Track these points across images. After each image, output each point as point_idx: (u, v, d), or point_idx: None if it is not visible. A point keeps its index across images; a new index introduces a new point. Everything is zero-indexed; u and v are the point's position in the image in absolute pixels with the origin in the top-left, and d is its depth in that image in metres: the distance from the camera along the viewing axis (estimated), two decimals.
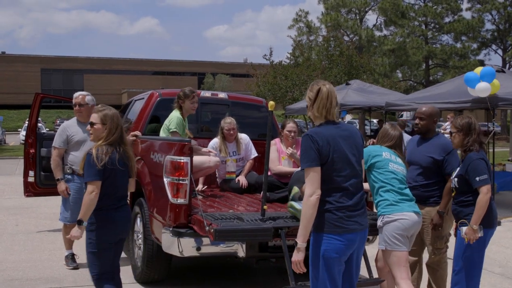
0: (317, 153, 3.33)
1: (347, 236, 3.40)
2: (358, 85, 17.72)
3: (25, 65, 60.20)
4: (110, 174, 4.15)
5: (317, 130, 3.42)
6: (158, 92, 7.19)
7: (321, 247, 3.39)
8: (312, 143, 3.34)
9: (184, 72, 66.49)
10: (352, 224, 3.41)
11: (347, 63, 25.92)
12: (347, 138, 3.48)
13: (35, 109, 7.67)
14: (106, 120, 4.26)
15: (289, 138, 6.61)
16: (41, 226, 9.03)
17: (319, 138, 3.36)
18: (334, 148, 3.38)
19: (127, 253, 6.63)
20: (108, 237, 4.25)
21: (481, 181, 4.27)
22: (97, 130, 4.28)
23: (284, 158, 6.60)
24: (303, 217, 3.34)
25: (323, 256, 3.40)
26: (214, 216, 4.82)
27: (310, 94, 3.52)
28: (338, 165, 3.40)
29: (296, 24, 43.48)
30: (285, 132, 6.64)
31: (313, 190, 3.30)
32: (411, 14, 43.73)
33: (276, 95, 25.19)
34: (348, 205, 3.42)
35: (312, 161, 3.32)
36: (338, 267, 3.45)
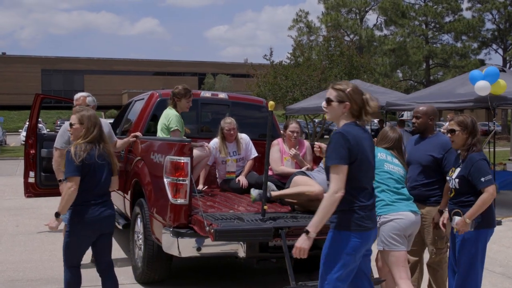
0: (348, 152, 3.35)
1: (365, 234, 3.45)
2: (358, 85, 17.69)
3: (25, 66, 60.22)
4: (89, 170, 4.37)
5: (348, 129, 3.43)
6: (158, 93, 7.20)
7: (341, 245, 3.42)
8: (344, 142, 3.36)
9: (185, 73, 66.49)
10: (370, 223, 3.48)
11: (347, 63, 25.90)
12: (367, 139, 3.54)
13: (35, 110, 7.67)
14: (83, 120, 4.49)
15: (292, 138, 6.58)
16: (42, 227, 9.01)
17: (351, 137, 3.38)
18: (361, 148, 3.43)
19: (127, 254, 6.64)
20: (83, 231, 4.46)
21: (486, 182, 4.23)
22: (76, 130, 4.51)
23: (286, 159, 6.57)
24: (323, 210, 3.35)
25: (342, 253, 3.42)
26: (214, 216, 4.82)
27: (334, 94, 3.55)
28: (363, 166, 3.45)
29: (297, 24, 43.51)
30: (288, 132, 6.61)
31: (339, 187, 3.32)
32: (412, 14, 43.74)
33: (276, 95, 25.16)
34: (368, 204, 3.48)
35: (341, 159, 3.34)
36: (353, 265, 3.49)
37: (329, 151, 3.40)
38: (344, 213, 3.40)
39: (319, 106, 16.05)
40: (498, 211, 9.98)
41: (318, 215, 3.36)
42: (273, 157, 6.44)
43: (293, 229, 4.78)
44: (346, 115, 3.51)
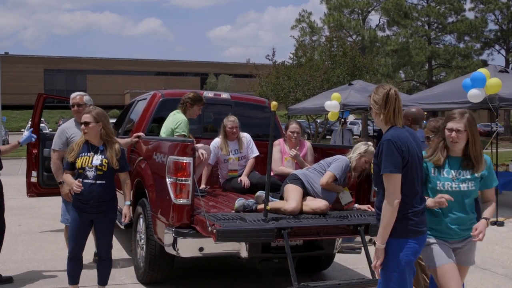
0: (401, 159, 3.37)
1: (421, 238, 3.51)
2: (361, 85, 17.69)
3: (28, 65, 60.29)
4: None
5: (397, 135, 3.43)
6: (160, 93, 7.20)
7: (401, 252, 3.43)
8: (396, 149, 3.38)
9: (187, 73, 66.53)
10: (423, 226, 3.52)
11: (350, 63, 25.88)
12: (412, 140, 3.52)
13: (38, 109, 7.66)
14: (99, 118, 4.91)
15: (292, 139, 6.62)
16: (44, 226, 9.04)
17: (402, 143, 3.40)
18: (410, 152, 3.44)
19: (129, 254, 6.65)
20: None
21: None
22: (93, 128, 4.88)
23: (287, 159, 6.59)
24: (384, 220, 3.38)
25: (402, 261, 3.43)
26: (216, 217, 4.81)
27: (376, 97, 3.55)
28: (414, 170, 3.46)
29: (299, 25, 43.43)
30: (288, 133, 6.66)
31: (396, 195, 3.35)
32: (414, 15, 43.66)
33: (279, 95, 25.16)
34: (421, 208, 3.51)
35: (395, 167, 3.36)
36: (411, 270, 3.50)
37: (384, 160, 3.39)
38: (399, 220, 3.40)
39: (322, 107, 16.06)
40: (501, 212, 9.97)
41: (382, 226, 3.41)
42: (273, 157, 6.43)
43: (296, 229, 4.79)
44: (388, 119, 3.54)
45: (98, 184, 4.86)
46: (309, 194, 5.54)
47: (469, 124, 3.70)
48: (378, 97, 3.55)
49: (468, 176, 3.75)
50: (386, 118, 3.52)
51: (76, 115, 6.40)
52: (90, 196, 4.86)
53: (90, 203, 4.88)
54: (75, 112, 6.39)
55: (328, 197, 5.53)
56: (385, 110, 3.51)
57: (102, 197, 4.88)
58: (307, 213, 5.24)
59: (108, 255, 5.12)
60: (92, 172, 4.86)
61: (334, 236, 5.15)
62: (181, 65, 66.96)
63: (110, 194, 4.99)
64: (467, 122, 3.70)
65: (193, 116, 6.49)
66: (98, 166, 4.86)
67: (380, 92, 3.55)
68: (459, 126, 3.69)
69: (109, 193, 4.97)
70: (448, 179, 3.74)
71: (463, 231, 3.78)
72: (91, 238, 5.23)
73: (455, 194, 3.71)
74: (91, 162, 4.87)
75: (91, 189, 4.85)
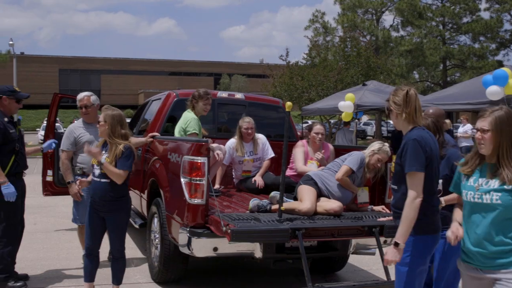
0: (425, 159, 3.46)
1: (437, 237, 3.62)
2: (374, 86, 17.62)
3: (43, 65, 60.79)
4: None
5: (421, 135, 3.53)
6: (175, 93, 7.22)
7: (420, 249, 3.52)
8: (421, 148, 3.46)
9: (200, 73, 66.69)
10: (439, 225, 3.63)
11: (364, 64, 25.77)
12: (433, 141, 3.62)
13: (53, 109, 7.72)
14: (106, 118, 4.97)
15: (316, 140, 6.43)
16: (59, 225, 9.11)
17: (426, 143, 3.50)
18: (433, 153, 3.54)
19: (144, 253, 6.67)
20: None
21: None
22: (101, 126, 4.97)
23: (310, 162, 6.41)
24: (406, 219, 3.42)
25: (421, 257, 3.53)
26: (231, 217, 4.82)
27: (397, 98, 3.62)
28: (434, 169, 3.56)
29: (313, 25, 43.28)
30: (313, 134, 6.47)
31: (418, 193, 3.42)
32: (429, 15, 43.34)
33: (292, 95, 25.11)
34: (437, 208, 3.66)
35: (420, 166, 3.44)
36: (425, 267, 3.62)
37: (408, 158, 3.46)
38: (421, 217, 3.45)
39: (335, 107, 16.01)
40: None
41: (403, 225, 3.44)
42: (297, 156, 6.40)
43: (310, 230, 4.78)
44: (409, 120, 3.60)
45: (102, 182, 4.92)
46: (323, 194, 5.51)
47: (496, 122, 3.11)
48: (398, 98, 3.60)
49: (495, 186, 3.08)
50: (409, 118, 3.58)
51: (84, 116, 6.44)
52: (95, 193, 4.98)
53: (97, 201, 4.96)
54: (83, 114, 6.44)
55: (343, 197, 5.50)
56: (407, 109, 3.57)
57: (106, 196, 4.91)
58: (321, 214, 5.23)
59: (120, 255, 5.14)
60: (97, 170, 4.95)
61: (349, 237, 5.14)
62: (194, 65, 67.14)
63: (117, 193, 4.95)
64: (494, 120, 3.12)
65: (202, 113, 6.42)
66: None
67: (399, 93, 3.60)
68: (483, 125, 3.15)
69: (115, 192, 4.93)
70: (472, 188, 3.19)
71: (488, 259, 3.09)
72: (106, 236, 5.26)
73: (477, 207, 3.15)
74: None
75: (96, 186, 4.97)
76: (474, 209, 3.16)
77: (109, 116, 4.97)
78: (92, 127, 6.29)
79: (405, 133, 3.61)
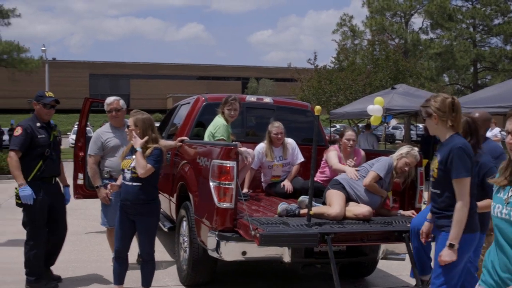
0: (470, 165, 3.73)
1: (477, 235, 3.90)
2: (404, 89, 17.43)
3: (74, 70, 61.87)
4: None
5: (464, 142, 3.80)
6: (204, 97, 7.25)
7: (466, 246, 3.78)
8: (467, 155, 3.73)
9: (228, 77, 66.96)
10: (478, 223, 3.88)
11: (393, 67, 25.55)
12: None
13: (84, 113, 7.83)
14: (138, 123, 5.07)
15: (348, 147, 6.37)
16: (89, 227, 9.23)
17: (469, 150, 3.77)
18: (473, 158, 3.80)
19: (173, 256, 6.71)
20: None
21: None
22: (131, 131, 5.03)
23: None
24: (460, 222, 3.70)
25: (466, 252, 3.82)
26: (260, 221, 4.82)
27: (439, 105, 3.82)
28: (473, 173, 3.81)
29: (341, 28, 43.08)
30: (344, 140, 6.40)
31: (468, 198, 3.71)
32: (459, 17, 42.73)
33: (320, 99, 25.04)
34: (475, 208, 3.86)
35: (467, 172, 3.72)
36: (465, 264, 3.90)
37: (458, 165, 3.71)
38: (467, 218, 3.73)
39: (364, 111, 15.88)
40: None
41: (456, 227, 3.70)
42: (331, 157, 6.34)
43: (339, 235, 4.75)
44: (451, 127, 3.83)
45: (133, 186, 4.96)
46: (352, 198, 5.47)
47: None
48: (441, 104, 3.79)
49: None
50: (455, 125, 3.80)
51: (113, 120, 6.45)
52: (126, 197, 5.02)
53: (128, 204, 5.01)
54: (113, 117, 6.45)
55: (372, 202, 5.45)
56: (452, 116, 3.78)
57: (138, 199, 4.97)
58: (350, 218, 5.19)
59: (149, 257, 5.18)
60: (128, 174, 4.99)
61: (378, 242, 5.08)
62: (222, 70, 67.48)
63: (148, 197, 5.03)
64: None
65: (229, 118, 6.42)
66: (133, 168, 4.96)
67: (440, 100, 3.81)
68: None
69: (147, 195, 5.01)
70: (501, 201, 2.63)
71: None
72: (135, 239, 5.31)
73: (505, 224, 2.59)
74: (129, 165, 5.00)
75: (127, 190, 5.01)
76: (500, 226, 2.61)
77: (140, 120, 5.02)
78: (119, 131, 6.35)
79: (445, 140, 3.80)
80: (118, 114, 6.44)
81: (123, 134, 5.99)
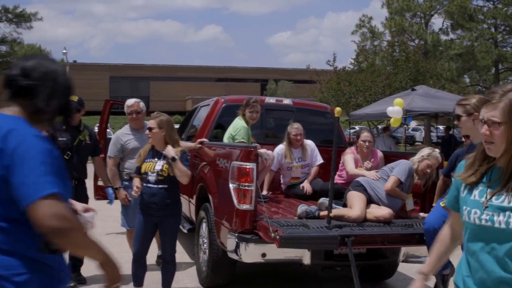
0: None
1: None
2: (424, 91, 17.30)
3: (94, 73, 62.34)
4: None
5: None
6: (223, 99, 7.27)
7: None
8: None
9: (247, 79, 67.00)
10: None
11: (413, 68, 25.36)
12: None
13: (105, 115, 7.88)
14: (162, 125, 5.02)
15: (364, 148, 6.31)
16: (110, 228, 9.29)
17: None
18: None
19: (192, 257, 6.73)
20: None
21: None
22: (155, 133, 4.99)
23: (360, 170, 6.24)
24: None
25: None
26: (279, 223, 4.81)
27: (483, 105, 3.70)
28: None
29: (360, 30, 42.90)
30: (360, 142, 6.34)
31: None
32: (480, 17, 42.27)
33: (339, 101, 24.96)
34: None
35: None
36: None
37: None
38: None
39: (384, 112, 15.80)
40: None
41: None
42: (348, 161, 6.31)
43: (359, 237, 4.72)
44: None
45: (159, 189, 4.96)
46: (373, 201, 5.44)
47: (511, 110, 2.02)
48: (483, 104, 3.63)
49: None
50: None
51: (134, 122, 6.45)
52: (151, 200, 4.98)
53: (153, 207, 4.99)
54: (133, 119, 6.45)
55: (393, 204, 5.42)
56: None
57: (164, 201, 4.98)
58: (370, 221, 5.16)
59: (171, 258, 5.21)
60: (153, 177, 4.97)
61: (399, 245, 5.05)
62: (241, 71, 67.51)
63: (173, 198, 5.06)
64: (509, 108, 2.03)
65: (250, 121, 6.43)
66: (159, 171, 4.96)
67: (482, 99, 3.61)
68: (492, 115, 2.06)
69: (172, 197, 5.04)
70: (477, 205, 2.12)
71: None
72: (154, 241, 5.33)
73: (485, 233, 2.08)
74: (153, 168, 4.99)
75: (152, 193, 4.97)
76: (480, 236, 2.11)
77: (165, 122, 5.03)
78: (139, 133, 6.37)
79: None
80: (138, 117, 6.45)
81: (142, 136, 6.01)
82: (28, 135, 2.05)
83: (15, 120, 2.12)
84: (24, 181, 1.96)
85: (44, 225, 1.94)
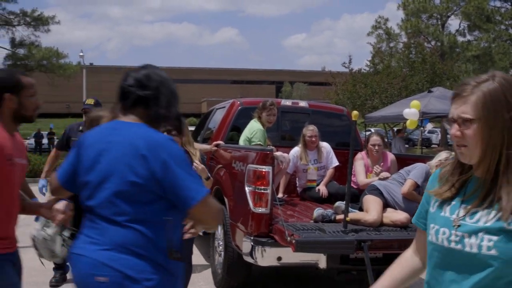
0: None
1: None
2: (441, 93, 17.14)
3: (111, 75, 62.71)
4: None
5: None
6: (239, 101, 7.27)
7: None
8: None
9: (262, 81, 67.08)
10: None
11: (430, 70, 25.16)
12: None
13: None
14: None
15: (374, 152, 6.29)
16: None
17: None
18: None
19: (207, 260, 6.73)
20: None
21: None
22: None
23: (370, 176, 6.27)
24: None
25: None
26: (295, 227, 4.79)
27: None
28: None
29: (376, 31, 42.75)
30: (369, 146, 6.33)
31: None
32: (497, 18, 41.89)
33: (355, 103, 24.83)
34: None
35: None
36: None
37: None
38: None
39: (400, 115, 15.68)
40: None
41: None
42: (357, 170, 6.27)
43: (376, 242, 4.68)
44: None
45: None
46: (389, 205, 5.40)
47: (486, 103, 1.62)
48: None
49: (487, 222, 1.62)
50: None
51: None
52: None
53: None
54: None
55: (410, 208, 5.36)
56: None
57: None
58: (387, 225, 5.11)
59: (187, 260, 5.21)
60: None
61: None
62: (256, 74, 67.64)
63: None
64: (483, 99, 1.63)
65: (267, 124, 6.43)
66: None
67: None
68: (462, 111, 1.66)
69: None
70: (446, 223, 1.72)
71: None
72: None
73: (454, 258, 1.69)
74: None
75: None
76: (448, 261, 1.71)
77: (184, 124, 5.01)
78: None
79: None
80: None
81: None
82: (167, 141, 2.23)
83: (145, 127, 2.28)
84: (184, 184, 2.16)
85: (209, 222, 2.29)
